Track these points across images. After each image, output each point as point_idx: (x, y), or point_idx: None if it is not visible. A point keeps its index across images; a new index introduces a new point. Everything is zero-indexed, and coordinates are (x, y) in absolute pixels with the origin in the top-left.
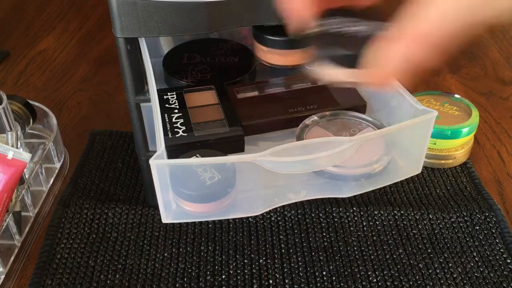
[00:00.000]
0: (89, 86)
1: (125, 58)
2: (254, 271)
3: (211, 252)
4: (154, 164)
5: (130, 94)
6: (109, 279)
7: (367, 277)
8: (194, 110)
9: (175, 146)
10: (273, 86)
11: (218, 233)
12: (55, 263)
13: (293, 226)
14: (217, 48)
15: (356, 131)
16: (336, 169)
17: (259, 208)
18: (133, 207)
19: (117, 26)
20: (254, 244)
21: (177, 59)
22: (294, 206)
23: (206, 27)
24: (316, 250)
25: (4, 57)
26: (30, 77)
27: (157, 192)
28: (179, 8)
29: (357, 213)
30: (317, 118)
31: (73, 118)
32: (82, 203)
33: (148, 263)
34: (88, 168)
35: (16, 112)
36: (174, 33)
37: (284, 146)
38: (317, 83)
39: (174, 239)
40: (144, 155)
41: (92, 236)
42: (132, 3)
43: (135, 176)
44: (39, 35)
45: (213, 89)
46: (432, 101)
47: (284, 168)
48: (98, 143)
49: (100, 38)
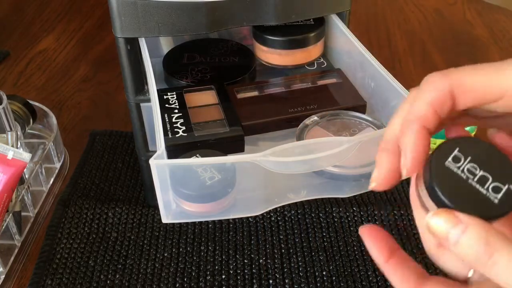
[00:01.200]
0: (89, 86)
1: (125, 58)
2: (254, 271)
3: (211, 252)
4: (154, 164)
5: (130, 94)
6: (109, 279)
7: (367, 277)
8: (194, 110)
9: (175, 146)
10: (273, 86)
11: (218, 233)
12: (55, 263)
13: (293, 226)
14: (217, 48)
15: (356, 131)
16: (336, 169)
17: (259, 208)
18: (133, 207)
19: (117, 26)
20: (254, 244)
21: (177, 59)
22: (294, 206)
23: (206, 27)
24: (316, 250)
25: (4, 57)
26: (30, 77)
27: (157, 192)
28: (179, 8)
29: (357, 213)
30: (317, 118)
31: (73, 118)
32: (82, 203)
33: (148, 263)
34: (88, 168)
35: (16, 112)
36: (174, 33)
37: (284, 146)
38: (317, 83)
39: (174, 239)
40: (144, 155)
41: (92, 236)
42: (132, 3)
43: (135, 176)
44: (39, 35)
45: (213, 89)
46: None
47: (284, 168)
48: (98, 143)
49: (100, 38)
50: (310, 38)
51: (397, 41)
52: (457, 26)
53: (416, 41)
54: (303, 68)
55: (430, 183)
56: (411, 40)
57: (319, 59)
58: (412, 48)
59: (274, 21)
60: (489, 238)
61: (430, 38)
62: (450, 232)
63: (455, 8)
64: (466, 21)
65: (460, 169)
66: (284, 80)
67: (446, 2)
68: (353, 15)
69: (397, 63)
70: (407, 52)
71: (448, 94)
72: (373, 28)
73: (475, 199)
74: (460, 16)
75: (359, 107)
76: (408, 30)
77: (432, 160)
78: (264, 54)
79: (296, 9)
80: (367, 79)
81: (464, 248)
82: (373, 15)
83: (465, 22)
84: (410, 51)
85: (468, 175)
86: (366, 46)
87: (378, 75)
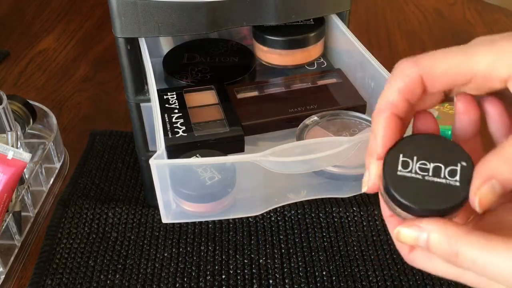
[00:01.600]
0: (89, 86)
1: (125, 58)
2: (254, 271)
3: (211, 252)
4: (154, 164)
5: (130, 94)
6: (109, 279)
7: (367, 277)
8: (194, 110)
9: (175, 146)
10: (273, 86)
11: (218, 233)
12: (55, 263)
13: (293, 226)
14: (217, 48)
15: (356, 131)
16: (336, 169)
17: (259, 208)
18: (133, 207)
19: (117, 26)
20: (254, 244)
21: (177, 59)
22: (294, 206)
23: (206, 27)
24: (316, 250)
25: (4, 57)
26: (30, 77)
27: (157, 192)
28: (179, 8)
29: (357, 213)
30: (317, 118)
31: (73, 118)
32: (82, 203)
33: (148, 263)
34: (88, 168)
35: (16, 112)
36: (174, 33)
37: (284, 146)
38: (317, 83)
39: (174, 239)
40: (144, 155)
41: (92, 236)
42: (132, 3)
43: (135, 176)
44: (39, 35)
45: (213, 89)
46: None
47: (284, 168)
48: (98, 143)
49: (100, 38)
50: (310, 38)
51: (397, 41)
52: (457, 26)
53: (416, 41)
54: (303, 68)
55: (392, 194)
56: (411, 40)
57: (319, 59)
58: (412, 48)
59: (274, 21)
60: (450, 239)
61: (430, 38)
62: (418, 240)
63: (455, 8)
64: (466, 21)
65: (413, 171)
66: (284, 80)
67: (446, 2)
68: (353, 15)
69: None
70: (407, 52)
71: (418, 81)
72: (373, 28)
73: (437, 192)
74: (460, 16)
75: (359, 107)
76: (408, 30)
77: (385, 175)
78: (264, 54)
79: (296, 9)
80: (367, 79)
81: (435, 251)
82: (373, 15)
83: (465, 22)
84: (410, 51)
85: (422, 173)
86: (366, 46)
87: (378, 75)
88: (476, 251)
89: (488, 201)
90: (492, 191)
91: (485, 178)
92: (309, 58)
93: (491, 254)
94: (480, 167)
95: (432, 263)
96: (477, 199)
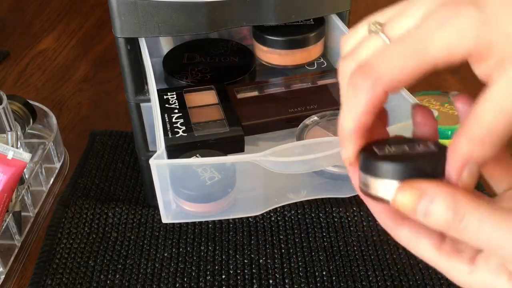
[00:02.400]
0: (89, 86)
1: (125, 58)
2: (254, 271)
3: (211, 252)
4: (154, 164)
5: (130, 94)
6: (109, 279)
7: (367, 277)
8: (194, 110)
9: (175, 146)
10: (273, 86)
11: (218, 233)
12: (55, 263)
13: (293, 226)
14: (217, 48)
15: None
16: (336, 169)
17: (259, 208)
18: (133, 207)
19: (117, 26)
20: (254, 244)
21: (177, 59)
22: (294, 206)
23: (206, 27)
24: (316, 250)
25: (4, 57)
26: (30, 77)
27: (157, 192)
28: (179, 8)
29: (357, 213)
30: (317, 118)
31: (73, 118)
32: (82, 203)
33: (148, 263)
34: (88, 168)
35: (16, 112)
36: (174, 33)
37: (284, 146)
38: (317, 83)
39: (174, 239)
40: (144, 155)
41: (92, 236)
42: (132, 3)
43: (135, 176)
44: (39, 35)
45: (213, 89)
46: (432, 101)
47: (284, 168)
48: (98, 143)
49: (100, 38)
50: (310, 38)
51: None
52: None
53: None
54: (303, 68)
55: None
56: None
57: (319, 59)
58: None
59: (274, 21)
60: (457, 205)
61: None
62: (417, 205)
63: None
64: None
65: (391, 152)
66: (284, 80)
67: None
68: (353, 15)
69: None
70: None
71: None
72: None
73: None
74: None
75: None
76: None
77: (363, 161)
78: (264, 54)
79: (296, 9)
80: None
81: (434, 219)
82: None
83: None
84: None
85: (399, 149)
86: None
87: None
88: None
89: (471, 184)
90: (471, 175)
91: (461, 164)
92: (309, 58)
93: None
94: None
95: (418, 245)
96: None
